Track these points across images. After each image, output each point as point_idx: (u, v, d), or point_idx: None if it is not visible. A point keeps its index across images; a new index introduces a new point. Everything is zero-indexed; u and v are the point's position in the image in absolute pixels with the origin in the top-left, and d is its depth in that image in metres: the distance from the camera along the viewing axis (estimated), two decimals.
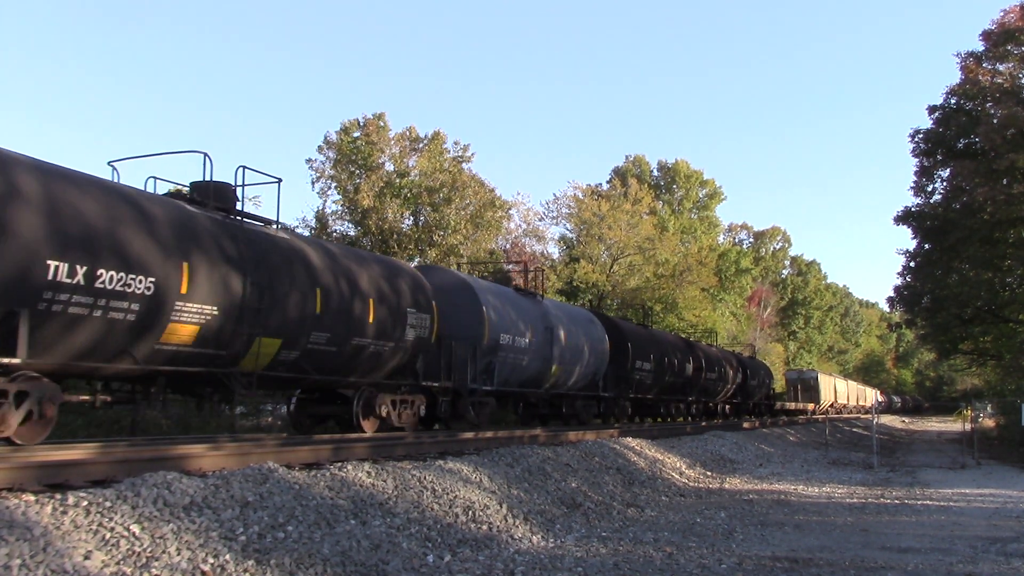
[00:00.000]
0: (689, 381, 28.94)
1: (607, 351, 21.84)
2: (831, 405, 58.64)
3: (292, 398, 13.77)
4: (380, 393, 13.25)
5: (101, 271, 8.54)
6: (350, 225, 32.75)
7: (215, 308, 9.93)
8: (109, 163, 10.77)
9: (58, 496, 5.80)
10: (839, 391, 63.25)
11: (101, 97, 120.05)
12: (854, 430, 43.32)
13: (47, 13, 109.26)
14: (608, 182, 57.79)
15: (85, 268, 8.38)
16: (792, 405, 50.22)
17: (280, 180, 11.83)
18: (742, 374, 35.78)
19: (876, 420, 31.56)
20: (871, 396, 75.76)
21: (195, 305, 9.69)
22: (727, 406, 34.78)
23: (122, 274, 8.75)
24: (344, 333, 12.13)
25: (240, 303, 10.27)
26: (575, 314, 21.95)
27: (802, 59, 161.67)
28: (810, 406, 52.14)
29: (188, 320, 9.65)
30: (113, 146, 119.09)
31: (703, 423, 28.14)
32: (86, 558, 5.15)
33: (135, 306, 8.93)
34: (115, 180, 10.10)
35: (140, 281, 8.94)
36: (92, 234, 8.57)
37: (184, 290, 9.48)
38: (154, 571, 5.33)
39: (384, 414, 13.14)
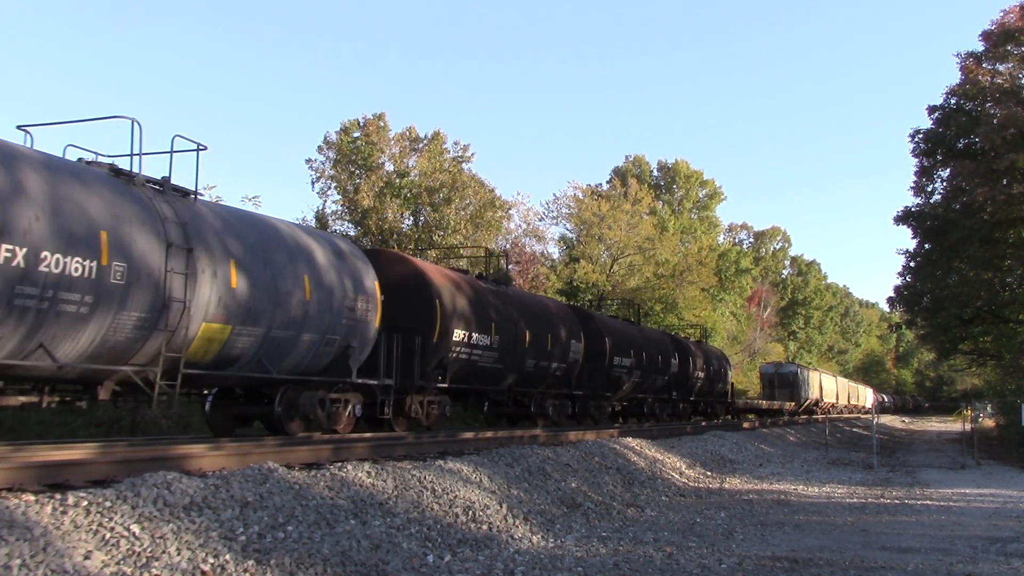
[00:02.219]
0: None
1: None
2: (815, 404, 52.82)
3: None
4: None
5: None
6: (350, 225, 32.78)
7: None
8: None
9: (58, 496, 5.81)
10: (826, 388, 57.18)
11: (101, 97, 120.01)
12: (854, 430, 43.32)
13: (47, 14, 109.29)
14: (608, 182, 57.80)
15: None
16: (764, 404, 43.26)
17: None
18: (678, 361, 28.32)
19: (876, 420, 31.56)
20: (866, 395, 73.98)
21: None
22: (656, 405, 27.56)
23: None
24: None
25: None
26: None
27: (802, 59, 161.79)
28: (788, 405, 45.52)
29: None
30: (113, 146, 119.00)
31: (703, 423, 27.61)
32: (86, 558, 5.15)
33: None
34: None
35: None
36: None
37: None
38: (154, 571, 5.33)
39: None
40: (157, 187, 10.00)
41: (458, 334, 15.26)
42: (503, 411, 19.12)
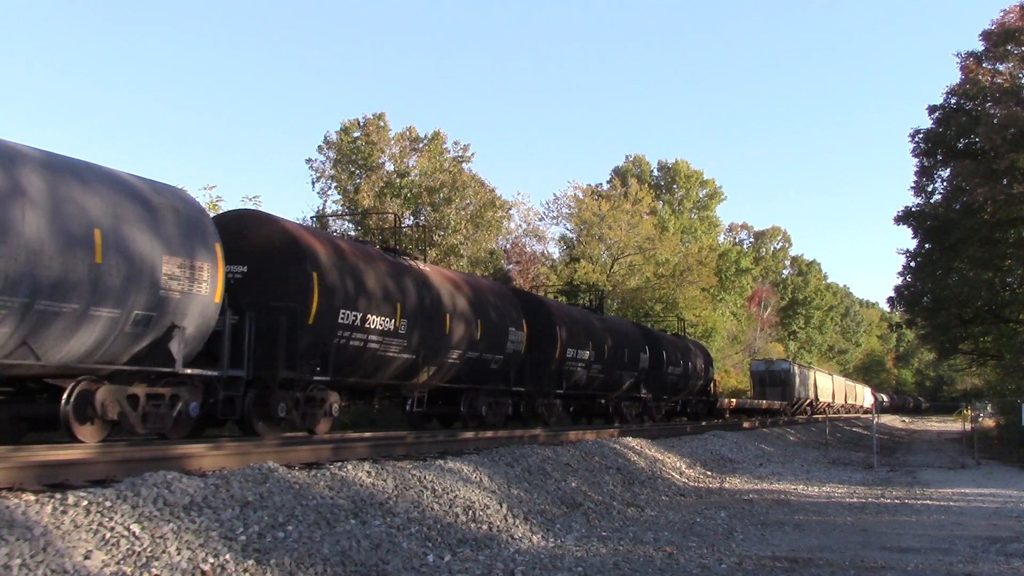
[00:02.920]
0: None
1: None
2: (809, 404, 49.81)
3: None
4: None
5: None
6: (350, 225, 32.80)
7: None
8: None
9: (58, 496, 5.81)
10: (821, 387, 53.92)
11: (101, 97, 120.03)
12: (854, 430, 43.30)
13: (48, 14, 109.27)
14: (608, 182, 57.83)
15: None
16: (753, 403, 39.98)
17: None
18: (649, 355, 25.24)
19: (876, 420, 31.55)
20: (865, 395, 73.19)
21: None
22: (621, 405, 24.60)
23: None
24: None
25: None
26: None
27: (802, 59, 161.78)
28: (778, 404, 42.71)
29: None
30: (114, 145, 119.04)
31: (702, 423, 26.62)
32: (86, 558, 5.15)
33: None
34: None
35: None
36: None
37: None
38: (154, 571, 5.33)
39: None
40: None
41: (346, 315, 12.61)
42: (430, 411, 16.80)
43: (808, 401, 49.25)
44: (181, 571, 5.45)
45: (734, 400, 36.92)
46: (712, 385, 34.08)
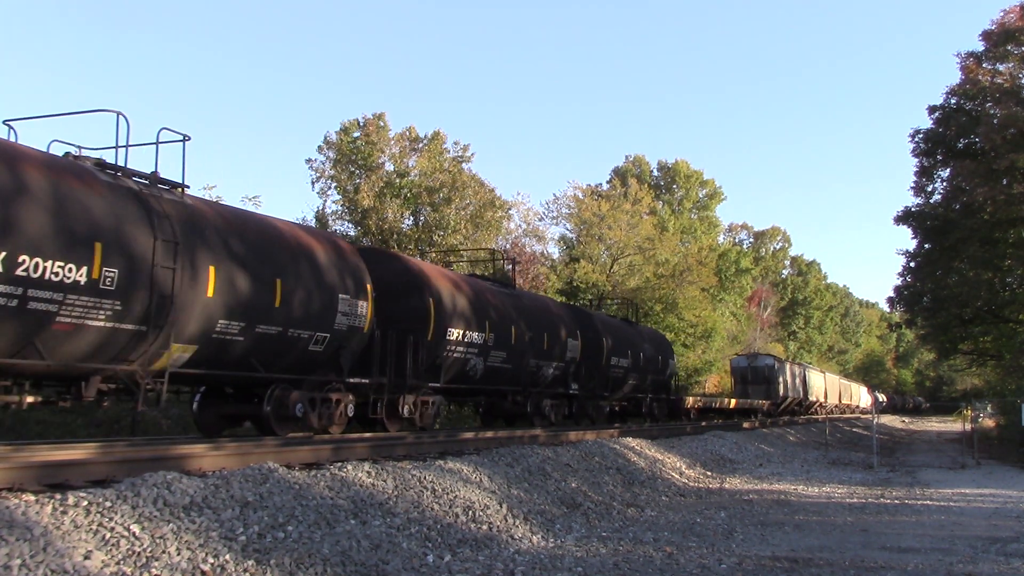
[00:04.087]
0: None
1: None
2: (798, 403, 45.65)
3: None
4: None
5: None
6: (350, 225, 32.80)
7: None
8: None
9: (58, 496, 5.81)
10: (813, 385, 49.84)
11: (102, 97, 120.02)
12: (854, 430, 43.31)
13: (47, 14, 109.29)
14: (608, 182, 57.81)
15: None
16: (733, 403, 35.35)
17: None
18: (581, 342, 20.73)
19: (876, 420, 31.55)
20: (861, 394, 71.81)
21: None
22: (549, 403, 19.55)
23: None
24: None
25: None
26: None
27: (802, 59, 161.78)
28: (763, 403, 38.74)
29: None
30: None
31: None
32: (86, 558, 5.16)
33: None
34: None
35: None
36: None
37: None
38: (154, 571, 5.33)
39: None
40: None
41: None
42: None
43: (796, 400, 45.33)
44: (181, 571, 5.45)
45: (699, 400, 32.38)
46: (674, 382, 29.91)
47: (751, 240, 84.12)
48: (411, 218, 33.15)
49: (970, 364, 45.54)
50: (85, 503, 5.76)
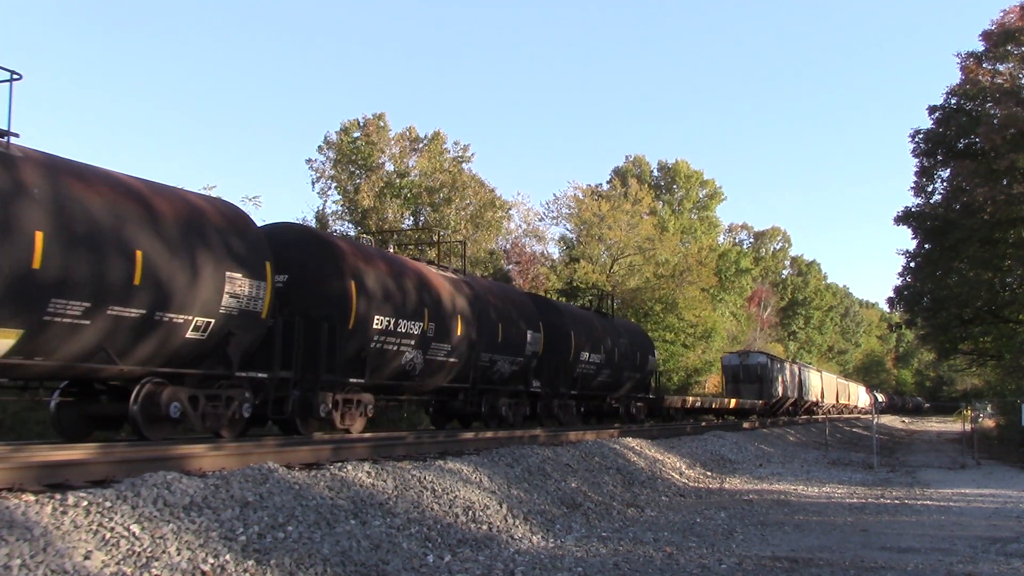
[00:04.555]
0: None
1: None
2: (792, 404, 43.79)
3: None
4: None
5: None
6: (350, 225, 32.82)
7: None
8: None
9: (58, 496, 5.81)
10: (809, 384, 47.89)
11: (102, 97, 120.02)
12: (854, 430, 43.30)
13: (47, 14, 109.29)
14: (608, 182, 57.79)
15: None
16: (718, 403, 33.43)
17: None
18: (543, 335, 18.83)
19: (876, 420, 31.54)
20: (860, 394, 71.11)
21: None
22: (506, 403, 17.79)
23: None
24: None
25: None
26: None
27: (802, 59, 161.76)
28: (755, 403, 37.00)
29: None
30: (113, 145, 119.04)
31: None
32: (86, 558, 5.16)
33: None
34: None
35: None
36: None
37: None
38: (154, 571, 5.34)
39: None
40: None
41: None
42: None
43: (791, 400, 43.20)
44: (181, 571, 5.45)
45: (683, 400, 30.08)
46: (655, 380, 27.61)
47: (751, 240, 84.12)
48: (411, 218, 33.17)
49: (970, 364, 45.52)
50: (85, 503, 5.76)
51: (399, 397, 15.54)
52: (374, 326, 12.84)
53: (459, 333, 15.24)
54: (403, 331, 13.58)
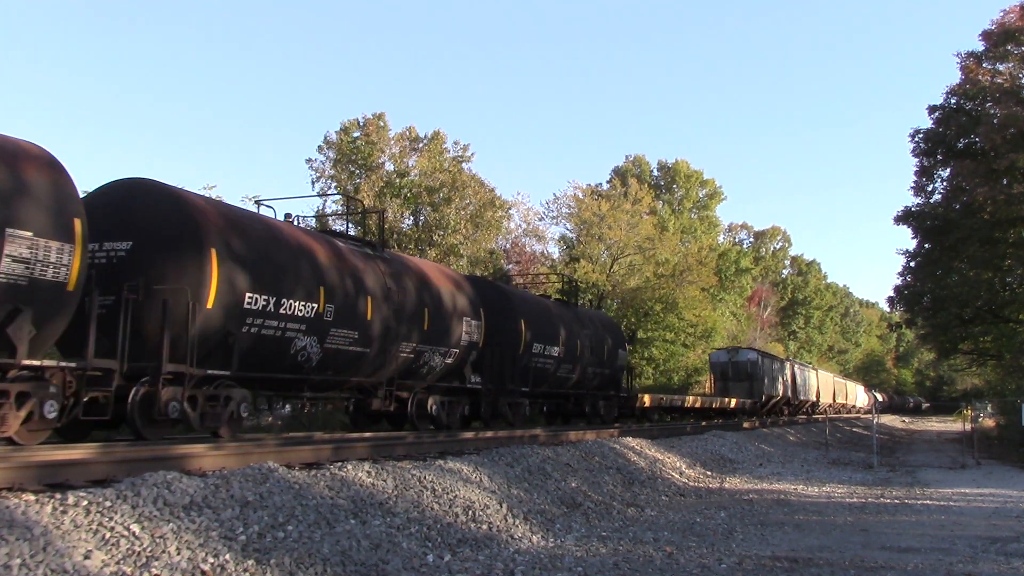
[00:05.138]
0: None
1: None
2: (786, 403, 41.54)
3: None
4: None
5: None
6: (350, 225, 32.80)
7: None
8: None
9: (58, 496, 5.81)
10: (803, 383, 45.31)
11: (102, 97, 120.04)
12: (854, 430, 43.30)
13: (47, 13, 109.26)
14: (608, 182, 57.78)
15: None
16: (700, 402, 30.88)
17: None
18: (483, 324, 16.60)
19: (876, 420, 31.54)
20: (858, 393, 70.38)
21: None
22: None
23: None
24: None
25: None
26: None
27: (802, 59, 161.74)
28: (743, 403, 34.66)
29: None
30: (113, 145, 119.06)
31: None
32: (86, 558, 5.16)
33: None
34: None
35: None
36: None
37: None
38: (154, 571, 5.33)
39: None
40: None
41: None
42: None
43: (784, 400, 40.67)
44: (181, 571, 5.45)
45: (660, 398, 26.94)
46: (626, 376, 24.94)
47: (751, 240, 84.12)
48: (411, 218, 33.16)
49: (970, 364, 45.53)
50: (85, 503, 5.76)
51: (292, 393, 12.52)
52: (245, 306, 10.61)
53: (367, 317, 12.84)
54: (289, 313, 11.30)
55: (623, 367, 24.08)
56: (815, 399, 49.14)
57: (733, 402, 33.27)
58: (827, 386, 54.81)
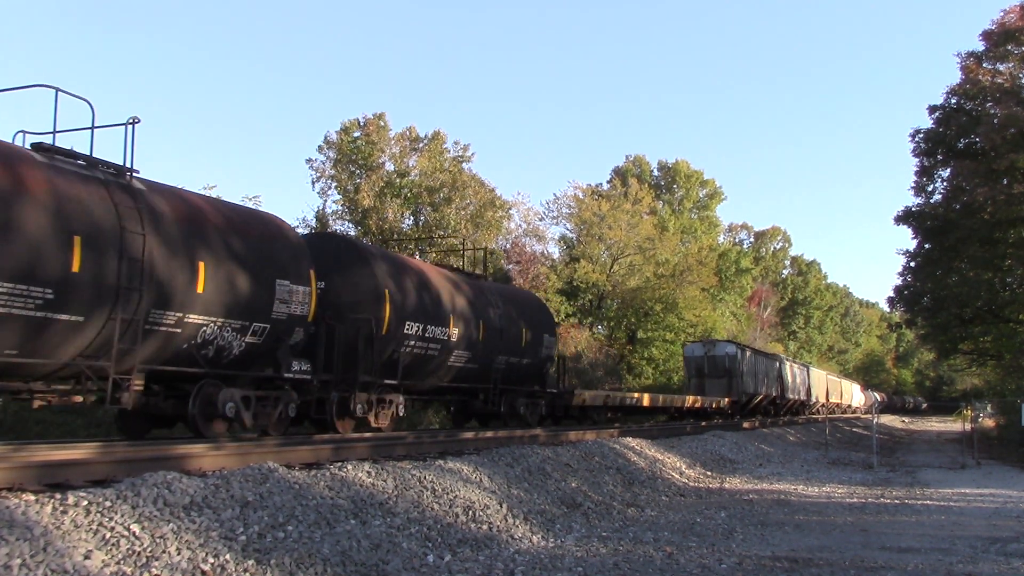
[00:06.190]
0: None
1: None
2: (771, 402, 37.66)
3: None
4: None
5: None
6: (350, 225, 32.82)
7: None
8: None
9: (58, 496, 5.81)
10: (792, 381, 41.54)
11: (102, 96, 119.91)
12: (854, 430, 43.28)
13: (47, 13, 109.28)
14: (608, 182, 57.78)
15: None
16: (663, 400, 26.73)
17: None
18: (313, 294, 12.09)
19: (876, 420, 31.53)
20: (854, 393, 69.18)
21: None
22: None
23: None
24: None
25: None
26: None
27: (802, 59, 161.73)
28: (715, 402, 30.24)
29: None
30: (113, 144, 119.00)
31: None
32: (86, 558, 5.16)
33: None
34: None
35: None
36: None
37: None
38: (154, 571, 5.33)
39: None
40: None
41: None
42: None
43: (769, 398, 37.01)
44: (181, 571, 5.45)
45: (602, 396, 22.32)
46: (557, 369, 20.54)
47: (751, 240, 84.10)
48: (411, 218, 33.17)
49: (970, 364, 45.51)
50: (85, 503, 5.76)
51: None
52: None
53: (75, 270, 8.70)
54: None
55: (550, 357, 19.78)
56: (806, 398, 45.84)
57: (696, 401, 28.59)
58: (820, 384, 51.42)
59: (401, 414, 14.56)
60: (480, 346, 16.39)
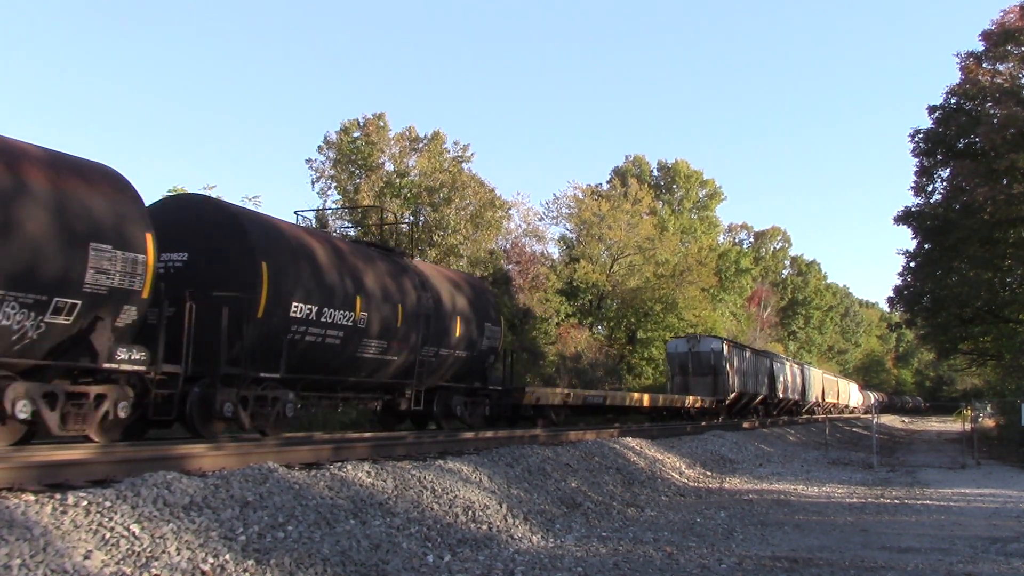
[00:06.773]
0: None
1: None
2: (761, 401, 35.94)
3: None
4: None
5: None
6: (350, 225, 32.81)
7: None
8: None
9: (58, 496, 5.81)
10: (784, 380, 39.73)
11: (100, 96, 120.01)
12: (854, 430, 43.27)
13: (47, 12, 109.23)
14: (608, 182, 57.78)
15: None
16: (632, 398, 24.46)
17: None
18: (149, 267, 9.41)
19: (876, 420, 31.52)
20: (851, 392, 68.92)
21: None
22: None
23: None
24: None
25: None
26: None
27: (802, 59, 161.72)
28: (699, 402, 28.32)
29: None
30: (113, 145, 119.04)
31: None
32: (86, 558, 5.15)
33: None
34: None
35: None
36: None
37: None
38: (154, 571, 5.33)
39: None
40: None
41: None
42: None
43: (757, 398, 35.11)
44: (181, 571, 5.44)
45: (560, 393, 19.93)
46: (500, 364, 18.30)
47: (751, 240, 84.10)
48: (411, 218, 33.15)
49: (970, 364, 45.52)
50: (85, 503, 5.76)
51: None
52: None
53: None
54: None
55: (494, 349, 17.22)
56: (800, 398, 43.76)
57: (693, 400, 27.16)
58: (815, 384, 49.88)
59: (289, 415, 11.87)
60: (399, 335, 13.83)
